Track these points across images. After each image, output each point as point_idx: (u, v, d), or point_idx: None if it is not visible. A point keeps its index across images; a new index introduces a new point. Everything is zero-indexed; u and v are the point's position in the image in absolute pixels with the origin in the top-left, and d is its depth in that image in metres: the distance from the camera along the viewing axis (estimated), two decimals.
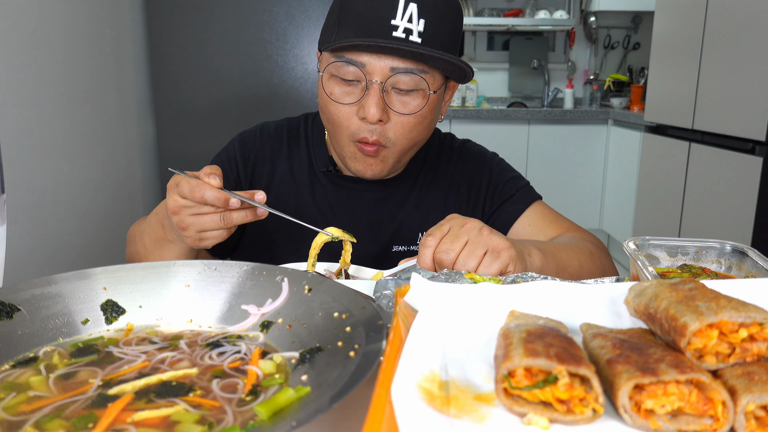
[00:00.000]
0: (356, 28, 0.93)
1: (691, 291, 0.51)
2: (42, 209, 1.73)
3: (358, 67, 0.94)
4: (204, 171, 0.83)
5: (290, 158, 1.15)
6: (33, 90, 1.70)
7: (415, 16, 0.92)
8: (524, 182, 1.17)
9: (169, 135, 2.90)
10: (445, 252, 0.81)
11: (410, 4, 0.91)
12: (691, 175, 2.86)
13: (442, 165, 1.17)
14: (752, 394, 0.42)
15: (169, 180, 0.84)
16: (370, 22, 0.92)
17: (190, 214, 0.82)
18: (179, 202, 0.82)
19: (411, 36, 0.92)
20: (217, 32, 2.80)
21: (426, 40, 0.93)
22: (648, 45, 3.96)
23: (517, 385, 0.45)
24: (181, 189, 0.81)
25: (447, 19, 0.96)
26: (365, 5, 0.93)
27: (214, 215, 0.82)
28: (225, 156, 1.15)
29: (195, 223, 0.83)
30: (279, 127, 1.18)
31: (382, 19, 0.91)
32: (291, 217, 0.84)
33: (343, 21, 0.94)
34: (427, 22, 0.92)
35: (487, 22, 4.28)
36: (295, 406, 0.48)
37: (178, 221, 0.83)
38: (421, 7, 0.92)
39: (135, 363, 0.57)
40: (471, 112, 3.89)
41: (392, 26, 0.91)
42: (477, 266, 0.81)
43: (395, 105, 0.96)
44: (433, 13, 0.93)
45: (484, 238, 0.82)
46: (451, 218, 0.87)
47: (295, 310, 0.64)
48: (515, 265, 0.82)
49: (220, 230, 0.84)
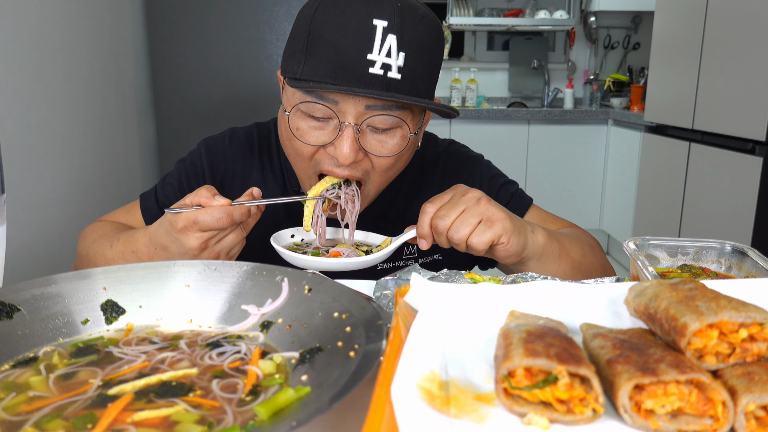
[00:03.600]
0: (328, 63, 0.82)
1: (691, 291, 0.51)
2: (42, 209, 1.73)
3: (330, 106, 0.84)
4: (204, 195, 0.80)
5: (263, 171, 1.06)
6: (33, 90, 1.70)
7: (394, 50, 0.81)
8: (516, 187, 1.12)
9: (169, 135, 2.90)
10: (441, 218, 0.82)
11: (389, 36, 0.81)
12: (691, 175, 2.86)
13: (427, 173, 1.10)
14: (752, 394, 0.42)
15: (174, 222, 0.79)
16: (343, 57, 0.81)
17: (216, 242, 0.81)
18: (204, 237, 0.79)
19: (390, 72, 0.81)
20: (217, 32, 2.80)
21: (406, 75, 0.83)
22: (648, 45, 3.96)
23: (517, 385, 0.45)
24: (203, 224, 0.78)
25: (428, 48, 0.86)
26: (337, 35, 0.81)
27: (236, 231, 0.82)
28: (190, 163, 1.06)
29: (224, 247, 0.82)
30: (249, 135, 1.09)
31: (358, 54, 0.81)
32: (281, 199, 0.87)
33: (312, 50, 0.83)
34: (407, 56, 0.82)
35: (487, 22, 4.28)
36: (295, 406, 0.48)
37: (207, 256, 0.81)
38: (401, 39, 0.81)
39: (135, 363, 0.57)
40: (471, 112, 3.89)
41: (369, 62, 0.81)
42: (470, 234, 0.81)
43: (371, 145, 0.87)
44: (413, 45, 0.83)
45: (480, 207, 0.82)
46: (455, 188, 0.87)
47: (295, 310, 0.64)
48: (509, 237, 0.82)
49: (241, 241, 0.84)
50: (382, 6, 0.82)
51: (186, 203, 0.80)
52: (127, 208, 1.11)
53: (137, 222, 1.07)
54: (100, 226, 1.03)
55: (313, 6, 0.85)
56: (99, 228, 1.02)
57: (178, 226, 0.79)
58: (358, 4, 0.82)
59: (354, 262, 0.84)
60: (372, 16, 0.81)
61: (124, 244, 0.90)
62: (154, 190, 1.08)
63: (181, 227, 0.78)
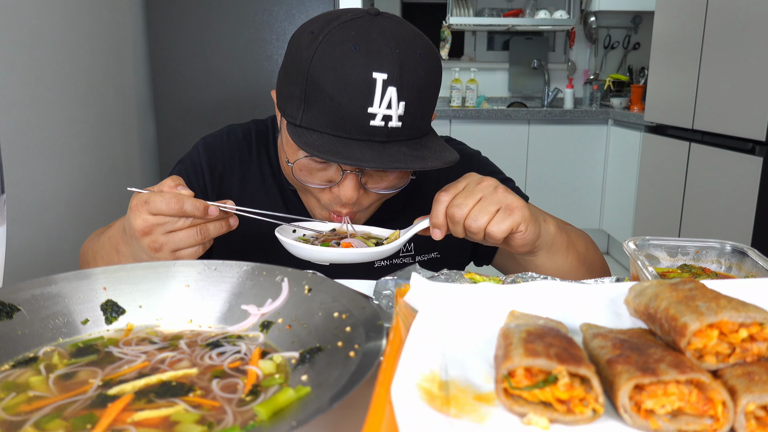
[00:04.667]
0: (328, 116, 0.81)
1: (691, 291, 0.51)
2: (42, 209, 1.73)
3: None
4: (167, 184, 0.78)
5: (261, 167, 1.05)
6: (33, 90, 1.70)
7: (395, 101, 0.80)
8: (512, 184, 1.10)
9: (169, 135, 2.90)
10: (458, 206, 0.80)
11: (389, 88, 0.80)
12: (691, 175, 2.86)
13: (425, 171, 1.08)
14: (752, 394, 0.42)
15: (131, 200, 0.77)
16: (344, 110, 0.80)
17: (164, 233, 0.76)
18: (150, 221, 0.75)
19: (390, 122, 0.81)
20: (217, 32, 2.80)
21: (407, 122, 0.83)
22: (648, 45, 3.96)
23: (517, 385, 0.45)
24: (152, 206, 0.75)
25: (428, 89, 0.85)
26: (337, 90, 0.80)
27: (189, 230, 0.77)
28: (189, 162, 1.05)
29: (169, 242, 0.77)
30: (247, 132, 1.08)
31: (358, 108, 0.80)
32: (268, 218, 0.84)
33: (311, 100, 0.82)
34: (407, 103, 0.81)
35: (487, 22, 4.28)
36: (295, 406, 0.48)
37: (150, 242, 0.76)
38: (401, 89, 0.80)
39: (135, 363, 0.57)
40: (471, 112, 3.89)
41: (369, 115, 0.80)
42: (488, 222, 0.80)
43: (372, 183, 0.89)
44: (413, 92, 0.82)
45: (498, 195, 0.81)
46: (468, 176, 0.85)
47: (295, 310, 0.64)
48: (527, 225, 0.82)
49: (196, 246, 0.79)
50: (380, 57, 0.80)
51: (151, 189, 0.79)
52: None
53: None
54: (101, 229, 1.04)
55: (308, 49, 0.82)
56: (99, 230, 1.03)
57: (132, 205, 0.77)
58: (357, 57, 0.80)
59: (367, 253, 0.82)
60: (371, 70, 0.80)
61: (105, 232, 0.91)
62: None
63: (133, 205, 0.77)
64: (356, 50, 0.80)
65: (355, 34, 0.81)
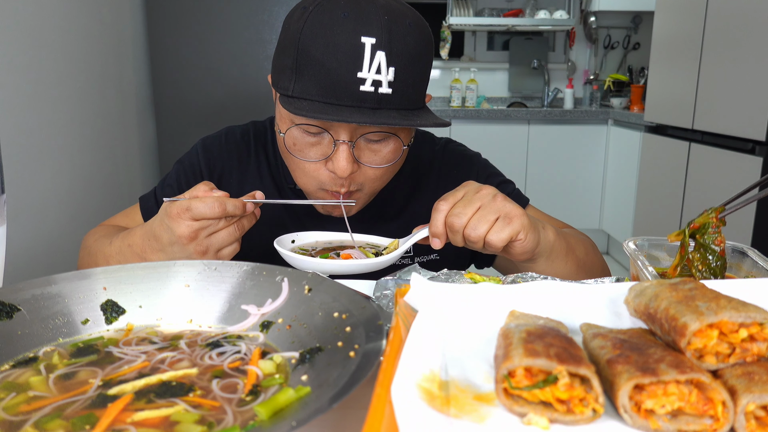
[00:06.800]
0: (318, 83, 0.83)
1: (691, 291, 0.51)
2: (42, 209, 1.73)
3: (322, 124, 0.87)
4: (202, 189, 0.81)
5: (259, 168, 1.07)
6: (33, 90, 1.70)
7: (384, 65, 0.82)
8: (512, 186, 1.12)
9: (169, 135, 2.90)
10: (457, 216, 0.81)
11: (377, 53, 0.81)
12: (691, 175, 2.86)
13: (424, 172, 1.10)
14: (752, 394, 0.42)
15: (166, 209, 0.80)
16: (334, 76, 0.82)
17: (207, 235, 0.80)
18: (194, 227, 0.79)
19: (380, 88, 0.82)
20: (217, 32, 2.80)
21: (397, 89, 0.84)
22: (648, 45, 3.96)
23: (517, 385, 0.45)
24: (195, 212, 0.78)
25: (418, 58, 0.86)
26: (326, 55, 0.82)
27: (229, 228, 0.81)
28: (188, 163, 1.08)
29: (213, 243, 0.80)
30: (245, 133, 1.10)
31: (348, 73, 0.81)
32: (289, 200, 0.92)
33: (302, 68, 0.84)
34: (397, 70, 0.83)
35: (487, 22, 4.28)
36: (295, 406, 0.48)
37: (195, 247, 0.80)
38: (390, 54, 0.82)
39: (135, 363, 0.57)
40: (471, 112, 3.89)
41: (359, 80, 0.82)
42: (488, 231, 0.80)
43: (366, 156, 0.90)
44: (403, 58, 0.83)
45: (497, 204, 0.81)
46: (466, 184, 0.85)
47: (295, 310, 0.64)
48: (526, 233, 0.82)
49: (234, 243, 0.83)
50: (369, 22, 0.82)
51: (184, 196, 0.82)
52: (126, 212, 1.12)
53: (137, 224, 1.08)
54: (101, 229, 1.05)
55: (299, 21, 0.85)
56: (100, 230, 1.04)
57: (172, 213, 0.79)
58: (345, 22, 0.82)
59: (367, 264, 0.83)
60: (360, 34, 0.81)
61: (122, 239, 0.91)
62: (154, 192, 1.10)
63: (174, 214, 0.79)
64: (345, 17, 0.82)
65: (344, 3, 0.84)
